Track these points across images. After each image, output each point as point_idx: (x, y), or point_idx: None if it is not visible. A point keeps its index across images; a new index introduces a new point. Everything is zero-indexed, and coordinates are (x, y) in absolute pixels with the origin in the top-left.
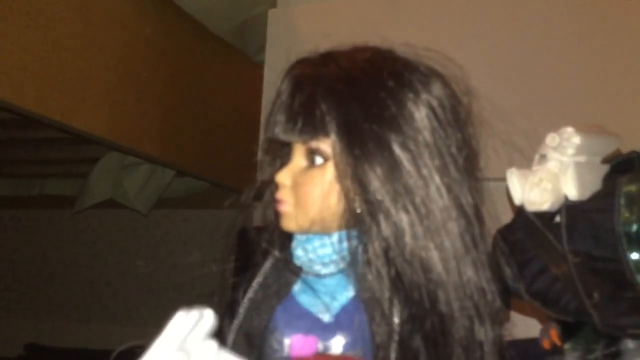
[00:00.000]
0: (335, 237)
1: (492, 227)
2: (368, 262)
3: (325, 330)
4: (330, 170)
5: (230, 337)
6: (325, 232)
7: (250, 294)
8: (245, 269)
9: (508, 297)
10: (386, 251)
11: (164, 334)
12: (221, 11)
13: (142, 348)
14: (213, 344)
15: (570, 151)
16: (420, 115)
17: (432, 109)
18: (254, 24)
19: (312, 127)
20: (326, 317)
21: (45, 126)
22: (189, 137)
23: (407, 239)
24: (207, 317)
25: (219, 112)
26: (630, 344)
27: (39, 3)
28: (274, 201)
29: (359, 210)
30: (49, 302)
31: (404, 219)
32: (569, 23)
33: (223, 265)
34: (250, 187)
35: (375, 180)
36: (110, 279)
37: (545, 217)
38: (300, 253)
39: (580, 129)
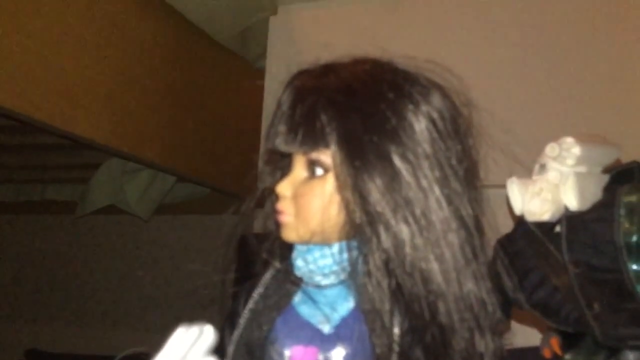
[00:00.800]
0: (335, 248)
1: (492, 236)
2: (368, 273)
3: (326, 342)
4: (330, 182)
5: (231, 348)
6: (325, 242)
7: (250, 304)
8: (245, 278)
9: (508, 307)
10: (386, 262)
11: (163, 351)
12: (223, 18)
13: (143, 354)
14: None
15: (570, 161)
16: (420, 126)
17: (432, 120)
18: (255, 30)
19: (313, 138)
20: (326, 328)
21: (47, 132)
22: (190, 143)
23: (407, 250)
24: (207, 334)
25: (220, 117)
26: (630, 355)
27: (40, 10)
28: (275, 212)
29: (359, 222)
30: (49, 308)
31: (404, 231)
32: (568, 34)
33: (224, 274)
34: (251, 197)
35: (375, 192)
36: (110, 285)
37: (545, 227)
38: (300, 264)
39: (580, 139)
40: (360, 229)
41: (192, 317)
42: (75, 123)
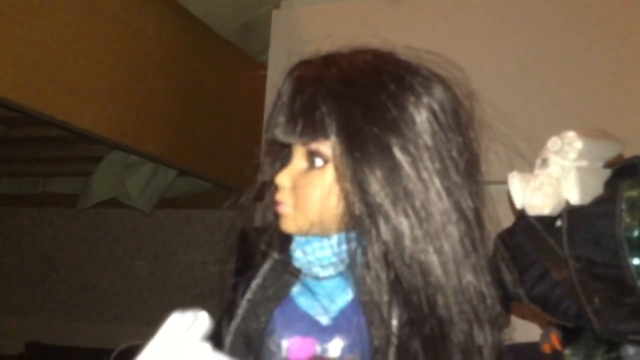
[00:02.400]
0: (334, 239)
1: (493, 230)
2: (367, 265)
3: (324, 333)
4: (330, 173)
5: (229, 339)
6: (324, 234)
7: (248, 295)
8: (245, 270)
9: (508, 302)
10: (385, 254)
11: (158, 336)
12: (225, 12)
13: (143, 347)
14: (207, 347)
15: (572, 156)
16: (421, 118)
17: (433, 112)
18: (257, 24)
19: (312, 129)
20: (324, 320)
21: (49, 125)
22: (192, 137)
23: (407, 242)
24: (201, 320)
25: (222, 111)
26: (630, 349)
27: (43, 3)
28: (274, 202)
29: (358, 213)
30: (50, 301)
31: (403, 223)
32: (571, 28)
33: (223, 266)
34: (250, 189)
35: (375, 183)
36: (112, 278)
37: (546, 221)
38: (299, 255)
39: (582, 133)
40: (359, 220)
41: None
42: (77, 116)
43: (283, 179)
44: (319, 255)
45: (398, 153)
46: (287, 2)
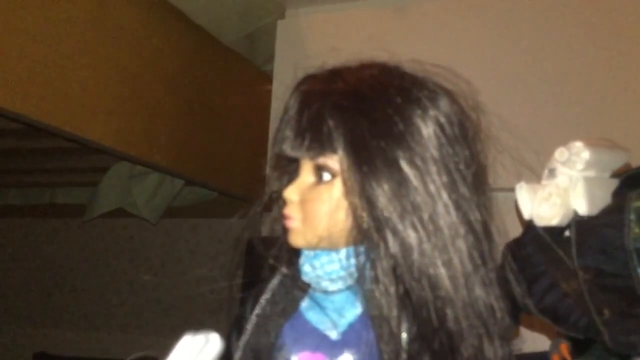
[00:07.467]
0: (343, 253)
1: (501, 240)
2: (376, 279)
3: (333, 348)
4: (337, 187)
5: (238, 354)
6: (333, 248)
7: (257, 310)
8: (252, 283)
9: (517, 313)
10: (394, 268)
11: (169, 359)
12: (230, 22)
13: (151, 358)
14: None
15: (580, 166)
16: (428, 131)
17: (439, 125)
18: (262, 34)
19: (320, 144)
20: (334, 334)
21: (55, 136)
22: (198, 147)
23: (415, 255)
24: (213, 342)
25: (228, 121)
26: None
27: (49, 14)
28: (282, 217)
29: (366, 227)
30: (57, 311)
31: (411, 236)
32: (578, 39)
33: (231, 278)
34: (258, 203)
35: (383, 197)
36: (118, 288)
37: (554, 232)
38: (307, 269)
39: (589, 143)
40: (367, 234)
41: (200, 320)
42: (84, 127)
43: (291, 193)
44: (328, 269)
45: (405, 166)
46: (292, 12)
